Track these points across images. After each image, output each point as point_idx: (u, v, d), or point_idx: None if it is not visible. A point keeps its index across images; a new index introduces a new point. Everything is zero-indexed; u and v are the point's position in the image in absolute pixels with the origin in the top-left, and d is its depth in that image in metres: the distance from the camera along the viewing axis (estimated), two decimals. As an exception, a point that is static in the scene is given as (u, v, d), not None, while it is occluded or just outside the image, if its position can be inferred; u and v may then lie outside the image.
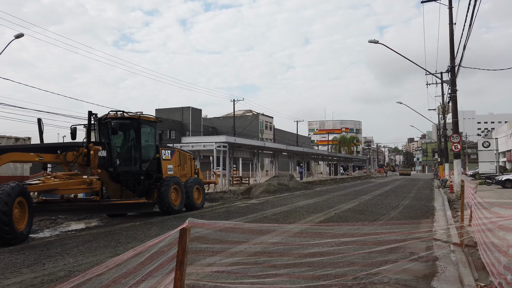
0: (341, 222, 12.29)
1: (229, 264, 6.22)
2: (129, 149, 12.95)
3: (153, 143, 13.64)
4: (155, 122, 13.72)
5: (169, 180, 13.39)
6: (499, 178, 29.23)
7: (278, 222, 12.02)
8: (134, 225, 11.33)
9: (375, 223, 11.06)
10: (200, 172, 17.28)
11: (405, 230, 6.92)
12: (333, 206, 16.82)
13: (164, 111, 63.24)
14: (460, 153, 20.68)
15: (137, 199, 12.42)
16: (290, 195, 23.42)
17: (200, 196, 15.46)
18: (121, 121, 12.47)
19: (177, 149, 15.32)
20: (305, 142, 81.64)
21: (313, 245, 6.65)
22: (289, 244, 7.63)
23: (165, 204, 13.00)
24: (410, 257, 7.34)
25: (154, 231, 10.20)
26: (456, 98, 21.00)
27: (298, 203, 18.34)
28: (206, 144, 23.95)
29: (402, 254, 7.37)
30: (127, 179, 12.57)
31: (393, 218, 13.46)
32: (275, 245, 7.59)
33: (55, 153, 10.66)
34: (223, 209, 15.68)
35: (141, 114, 12.99)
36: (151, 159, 13.42)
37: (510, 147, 46.76)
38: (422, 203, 19.14)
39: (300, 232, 9.04)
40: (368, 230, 6.46)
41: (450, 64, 21.00)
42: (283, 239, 8.68)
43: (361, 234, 6.39)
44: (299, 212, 14.65)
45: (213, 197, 21.56)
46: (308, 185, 32.55)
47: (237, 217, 13.11)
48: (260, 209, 15.52)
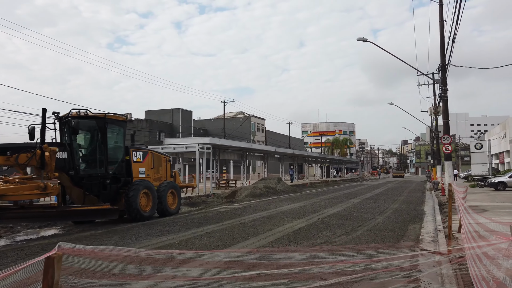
0: (324, 228, 11.44)
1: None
2: (93, 150, 11.97)
3: (121, 144, 12.68)
4: (124, 122, 12.76)
5: (138, 184, 12.43)
6: (491, 181, 28.54)
7: (256, 229, 11.13)
8: (94, 234, 10.37)
9: (344, 246, 8.29)
10: (178, 176, 16.33)
11: (379, 255, 4.91)
12: (318, 211, 15.96)
13: (154, 112, 62.23)
14: (451, 154, 19.91)
15: (101, 205, 11.42)
16: (276, 199, 22.53)
17: (175, 201, 14.51)
18: (83, 120, 11.51)
19: (151, 150, 14.35)
20: (298, 144, 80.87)
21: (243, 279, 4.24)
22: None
23: (133, 210, 12.05)
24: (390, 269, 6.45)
25: (113, 241, 9.26)
26: (447, 98, 20.26)
27: (282, 207, 17.46)
28: (188, 146, 22.99)
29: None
30: (91, 183, 11.59)
31: (379, 223, 12.64)
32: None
33: (5, 154, 9.69)
34: (200, 214, 14.74)
35: (106, 113, 12.01)
36: (119, 162, 12.46)
37: (502, 149, 46.28)
38: (412, 206, 18.33)
39: (233, 262, 5.85)
40: (327, 257, 4.93)
41: (441, 62, 20.25)
42: (202, 271, 6.20)
43: (315, 263, 4.85)
44: (280, 217, 13.76)
45: (195, 201, 20.62)
46: (297, 188, 31.66)
47: (212, 223, 12.19)
48: (239, 215, 14.61)
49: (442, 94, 19.80)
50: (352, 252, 5.21)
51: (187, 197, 20.55)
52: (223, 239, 9.45)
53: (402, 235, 10.72)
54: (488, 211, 15.12)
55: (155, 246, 8.61)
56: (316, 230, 11.00)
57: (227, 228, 11.24)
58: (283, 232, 10.68)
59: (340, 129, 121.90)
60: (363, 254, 5.37)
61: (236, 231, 10.69)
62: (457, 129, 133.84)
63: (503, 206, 16.77)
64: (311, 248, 8.05)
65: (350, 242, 9.31)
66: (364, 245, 7.87)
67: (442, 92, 19.81)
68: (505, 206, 16.73)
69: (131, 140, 13.94)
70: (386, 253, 5.90)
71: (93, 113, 11.78)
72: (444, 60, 20.17)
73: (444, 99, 19.96)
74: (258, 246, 8.73)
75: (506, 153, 45.60)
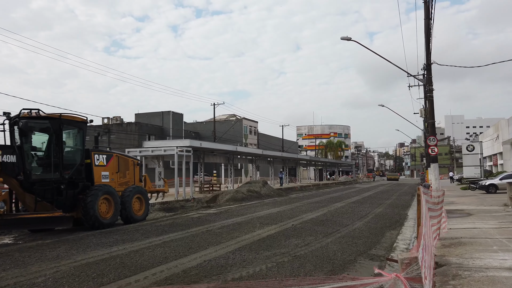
0: (295, 235, 10.69)
1: None
2: (48, 153, 11.17)
3: (80, 146, 11.89)
4: (84, 123, 11.96)
5: (97, 189, 11.64)
6: (482, 183, 27.89)
7: (220, 237, 10.37)
8: (41, 244, 9.57)
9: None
10: (148, 180, 15.53)
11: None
12: (296, 216, 15.22)
13: (144, 115, 61.48)
14: (437, 156, 19.21)
15: (53, 212, 10.61)
16: (258, 203, 21.76)
17: (142, 206, 13.71)
18: (34, 121, 10.72)
19: (116, 153, 13.56)
20: (291, 147, 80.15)
21: None
22: None
23: (91, 217, 11.25)
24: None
25: (56, 253, 8.47)
26: (432, 98, 19.57)
27: (260, 212, 16.70)
28: (167, 148, 22.17)
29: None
30: (44, 189, 10.77)
31: (356, 229, 11.92)
32: None
33: None
34: (169, 221, 13.94)
35: (61, 113, 11.21)
36: (77, 165, 11.66)
37: (496, 151, 45.69)
38: (396, 211, 17.63)
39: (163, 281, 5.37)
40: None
41: (426, 61, 19.59)
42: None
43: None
44: (253, 224, 13.01)
45: (173, 206, 19.81)
46: (284, 192, 30.87)
47: (176, 231, 11.41)
48: (211, 221, 13.84)
49: (428, 94, 19.12)
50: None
51: (164, 202, 19.75)
52: (178, 250, 8.69)
53: (376, 242, 10.00)
54: (473, 215, 14.41)
55: (99, 258, 7.84)
56: (285, 238, 10.26)
57: (190, 237, 10.47)
58: (248, 240, 9.93)
59: (335, 132, 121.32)
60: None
61: (197, 240, 9.93)
62: (452, 131, 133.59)
63: (489, 209, 16.06)
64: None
65: (316, 251, 8.58)
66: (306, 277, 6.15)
67: (427, 92, 19.14)
68: (491, 209, 16.03)
69: (94, 143, 13.17)
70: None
71: (46, 114, 11.00)
72: (430, 60, 19.52)
73: (430, 99, 19.28)
74: (213, 256, 7.99)
75: (499, 155, 45.00)
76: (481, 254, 7.70)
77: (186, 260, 7.71)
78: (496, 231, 10.33)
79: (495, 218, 13.29)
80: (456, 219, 13.41)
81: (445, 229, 11.02)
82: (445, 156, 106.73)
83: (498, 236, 9.59)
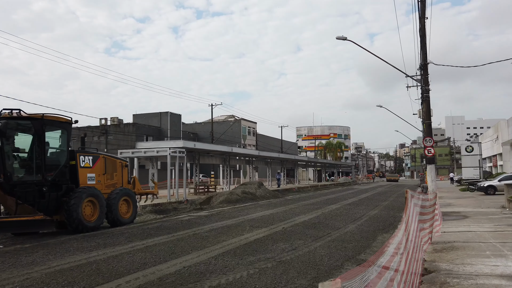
0: (283, 239, 10.37)
1: None
2: (30, 155, 10.87)
3: (64, 148, 11.58)
4: (68, 124, 11.66)
5: (81, 191, 11.32)
6: (481, 185, 27.55)
7: (206, 241, 10.06)
8: (19, 249, 9.25)
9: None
10: (138, 182, 15.22)
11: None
12: (288, 218, 14.90)
13: (142, 116, 61.19)
14: (433, 158, 18.90)
15: (34, 215, 10.30)
16: (252, 205, 21.44)
17: (130, 209, 13.39)
18: (14, 121, 10.42)
19: (103, 154, 13.26)
20: (291, 148, 79.82)
21: None
22: None
23: (74, 220, 10.94)
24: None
25: (33, 258, 8.17)
26: (429, 99, 19.26)
27: (252, 214, 16.38)
28: (159, 149, 21.86)
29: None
30: (25, 191, 10.47)
31: (347, 233, 11.60)
32: None
33: None
34: (157, 224, 13.62)
35: (44, 114, 10.91)
36: (61, 167, 11.36)
37: (495, 152, 45.33)
38: (391, 213, 17.29)
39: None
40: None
41: (422, 61, 19.27)
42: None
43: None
44: (242, 226, 12.69)
45: (165, 208, 19.54)
46: (280, 193, 30.54)
47: (162, 234, 11.10)
48: (200, 223, 13.52)
49: (424, 94, 18.80)
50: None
51: (156, 204, 19.47)
52: (159, 255, 8.38)
53: (366, 246, 9.67)
54: (469, 217, 14.09)
55: (75, 264, 7.53)
56: (272, 242, 9.94)
57: (175, 240, 10.16)
58: (234, 244, 9.61)
59: (335, 133, 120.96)
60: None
61: (181, 244, 9.61)
62: (453, 132, 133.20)
63: (486, 212, 15.75)
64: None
65: (303, 256, 8.26)
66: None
67: (424, 92, 18.82)
68: (488, 212, 15.71)
69: (80, 144, 12.86)
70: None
71: (27, 114, 10.70)
72: (426, 59, 19.22)
73: (426, 100, 18.97)
74: (194, 262, 7.67)
75: (499, 156, 44.63)
76: (473, 259, 7.39)
77: (165, 266, 7.39)
78: (491, 235, 10.02)
79: (491, 221, 12.97)
80: (451, 222, 13.09)
81: (439, 232, 10.70)
82: (445, 157, 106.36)
83: (492, 240, 9.28)
